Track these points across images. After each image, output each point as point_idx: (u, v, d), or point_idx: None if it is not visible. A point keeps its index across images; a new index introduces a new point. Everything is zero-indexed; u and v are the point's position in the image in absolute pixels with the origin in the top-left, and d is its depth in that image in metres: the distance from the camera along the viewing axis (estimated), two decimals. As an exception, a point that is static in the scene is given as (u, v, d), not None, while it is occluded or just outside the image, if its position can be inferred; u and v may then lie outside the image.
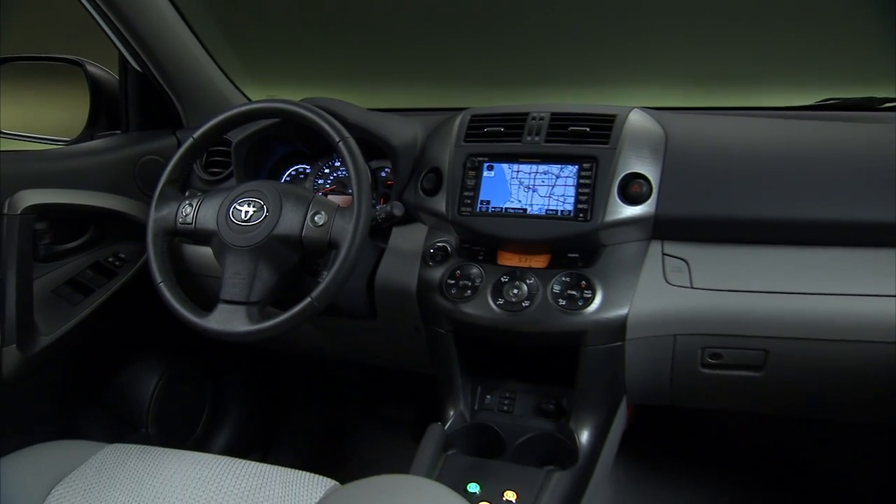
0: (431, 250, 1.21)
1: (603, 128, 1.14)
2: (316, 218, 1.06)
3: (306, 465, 0.96)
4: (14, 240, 1.20)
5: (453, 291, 1.15)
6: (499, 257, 1.17)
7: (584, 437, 1.15)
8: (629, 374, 1.14)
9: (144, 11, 1.34)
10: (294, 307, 1.02)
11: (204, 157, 1.45)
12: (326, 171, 1.41)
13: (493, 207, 1.16)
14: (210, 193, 1.13)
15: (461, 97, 1.74)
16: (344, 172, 1.39)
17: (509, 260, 1.16)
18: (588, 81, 1.78)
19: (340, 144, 1.05)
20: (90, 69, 1.48)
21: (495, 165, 1.18)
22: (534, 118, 1.18)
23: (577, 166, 1.13)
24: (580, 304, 1.08)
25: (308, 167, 1.44)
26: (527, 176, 1.16)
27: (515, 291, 1.11)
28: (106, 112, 1.51)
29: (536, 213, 1.14)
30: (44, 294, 1.28)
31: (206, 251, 1.17)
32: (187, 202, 1.13)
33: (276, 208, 1.06)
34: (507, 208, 1.15)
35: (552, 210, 1.13)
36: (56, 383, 1.39)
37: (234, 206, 1.08)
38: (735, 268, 1.08)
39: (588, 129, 1.14)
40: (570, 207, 1.12)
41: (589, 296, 1.08)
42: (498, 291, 1.13)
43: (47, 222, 1.29)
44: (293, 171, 1.45)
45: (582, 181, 1.12)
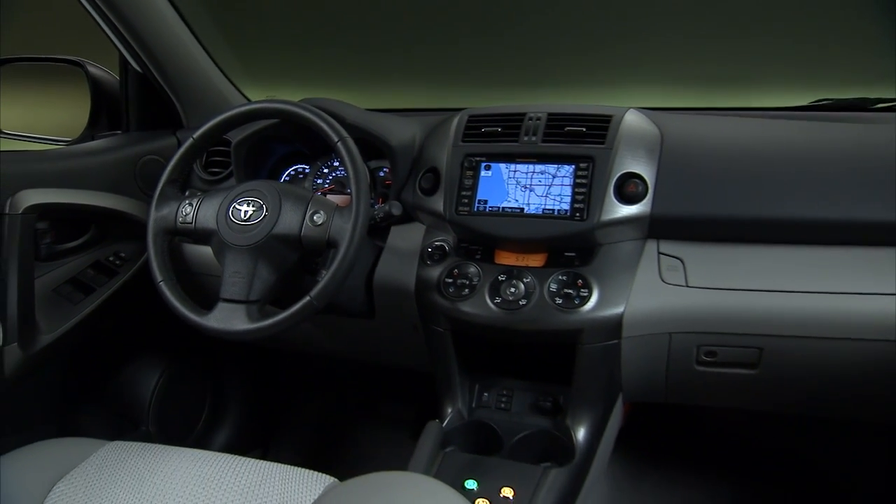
0: (429, 249, 1.21)
1: (599, 128, 1.14)
2: (315, 217, 1.06)
3: (306, 462, 0.96)
4: (15, 239, 1.20)
5: (451, 290, 1.16)
6: (496, 256, 1.17)
7: (581, 434, 1.15)
8: (625, 371, 1.15)
9: (144, 12, 1.34)
10: (293, 306, 1.02)
11: (204, 157, 1.45)
12: (325, 170, 1.42)
13: (490, 207, 1.16)
14: (210, 193, 1.14)
15: (459, 97, 1.75)
16: (343, 172, 1.40)
17: (506, 259, 1.16)
18: (585, 82, 1.78)
19: (339, 144, 1.06)
20: (91, 70, 1.48)
21: (493, 165, 1.18)
22: (531, 118, 1.19)
23: (573, 166, 1.13)
24: (577, 302, 1.09)
25: (307, 167, 1.44)
26: (524, 175, 1.16)
27: (513, 290, 1.12)
28: (106, 112, 1.51)
29: (533, 212, 1.14)
30: (45, 293, 1.28)
31: (206, 250, 1.17)
32: (187, 202, 1.13)
33: (276, 208, 1.07)
34: (504, 208, 1.16)
35: (549, 209, 1.13)
36: (57, 381, 1.39)
37: (234, 206, 1.08)
38: (730, 267, 1.08)
39: (584, 130, 1.15)
40: (566, 207, 1.12)
41: (585, 294, 1.09)
42: (495, 290, 1.13)
43: (48, 222, 1.30)
44: (292, 170, 1.45)
45: (578, 181, 1.12)
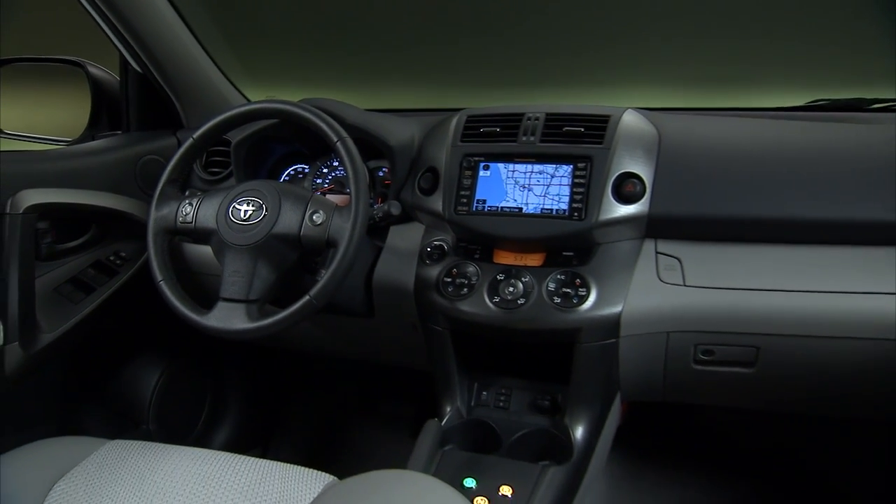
0: (428, 249, 1.21)
1: (597, 128, 1.15)
2: (314, 217, 1.06)
3: (305, 460, 0.96)
4: (16, 239, 1.20)
5: (450, 289, 1.16)
6: (495, 256, 1.18)
7: (579, 432, 1.16)
8: (623, 370, 1.15)
9: (145, 13, 1.34)
10: (293, 305, 1.03)
11: (204, 157, 1.45)
12: (325, 170, 1.42)
13: (489, 206, 1.17)
14: (210, 193, 1.14)
15: (458, 98, 1.75)
16: (342, 172, 1.40)
17: (505, 258, 1.17)
18: (583, 82, 1.79)
19: (338, 144, 1.06)
20: (91, 70, 1.48)
21: (491, 165, 1.19)
22: (529, 118, 1.19)
23: (571, 166, 1.14)
24: (575, 301, 1.09)
25: (307, 167, 1.44)
26: (522, 175, 1.16)
27: (511, 289, 1.12)
28: (107, 113, 1.51)
29: (532, 212, 1.14)
30: (46, 292, 1.28)
31: (206, 250, 1.18)
32: (187, 201, 1.14)
33: (275, 207, 1.07)
34: (502, 207, 1.16)
35: (547, 209, 1.13)
36: (58, 380, 1.40)
37: (234, 206, 1.09)
38: (727, 266, 1.08)
39: (583, 130, 1.15)
40: (564, 206, 1.12)
41: (583, 293, 1.09)
42: (494, 289, 1.13)
43: (49, 221, 1.30)
44: (292, 170, 1.45)
45: (576, 181, 1.13)
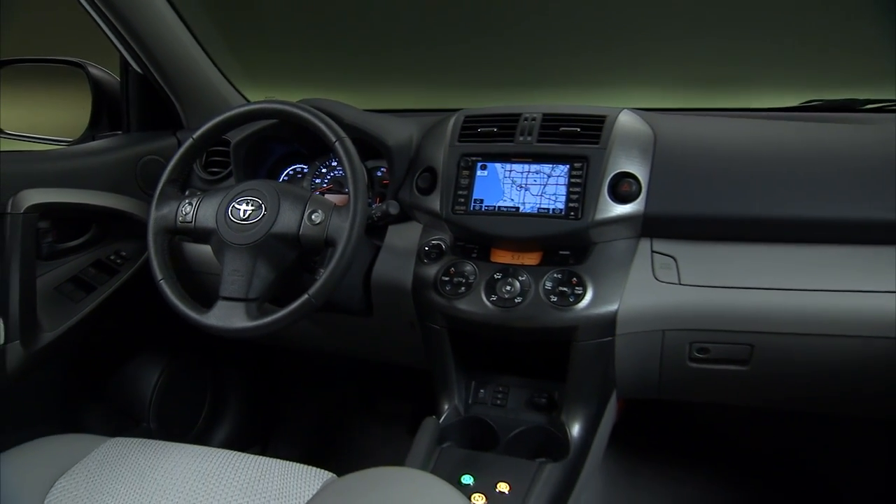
0: (426, 248, 1.22)
1: (593, 128, 1.15)
2: (313, 216, 1.07)
3: (304, 457, 0.97)
4: (17, 238, 1.20)
5: (448, 288, 1.16)
6: (492, 255, 1.18)
7: (576, 429, 1.16)
8: (619, 368, 1.16)
9: (145, 14, 1.35)
10: (292, 304, 1.03)
11: (203, 157, 1.46)
12: (323, 170, 1.42)
13: (486, 206, 1.17)
14: (209, 192, 1.14)
15: (456, 98, 1.75)
16: (341, 172, 1.40)
17: (502, 257, 1.17)
18: (579, 83, 1.79)
19: (337, 144, 1.07)
20: (92, 71, 1.49)
21: (488, 165, 1.19)
22: (526, 119, 1.20)
23: (568, 166, 1.14)
24: (571, 300, 1.10)
25: (305, 167, 1.45)
26: (519, 175, 1.17)
27: (508, 288, 1.13)
28: (107, 113, 1.52)
29: (529, 211, 1.15)
30: (47, 291, 1.29)
31: (206, 249, 1.18)
32: (187, 201, 1.14)
33: (274, 207, 1.07)
34: (500, 207, 1.17)
35: (544, 208, 1.14)
36: (59, 379, 1.40)
37: (233, 205, 1.09)
38: (722, 265, 1.09)
39: (579, 130, 1.16)
40: (561, 206, 1.13)
41: (580, 292, 1.10)
42: (491, 288, 1.14)
43: (50, 221, 1.30)
44: (291, 170, 1.46)
45: (573, 180, 1.13)
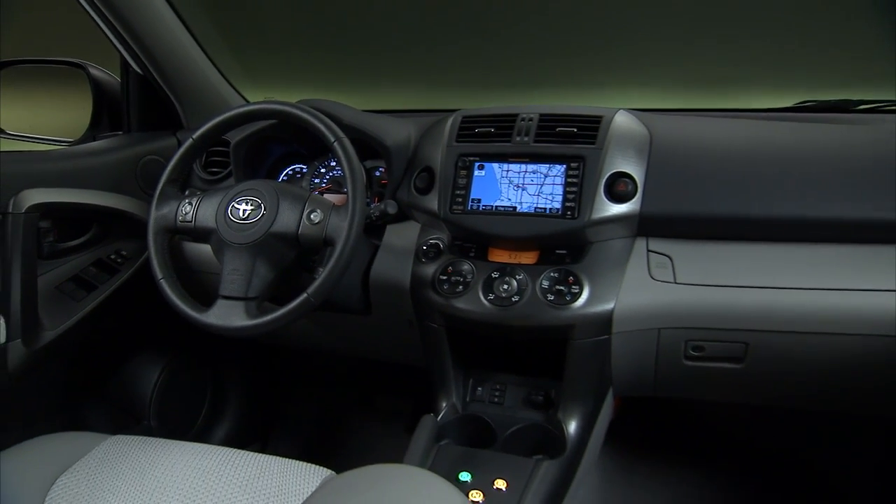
0: (424, 247, 1.23)
1: (590, 128, 1.16)
2: (312, 216, 1.07)
3: (303, 455, 0.98)
4: (19, 238, 1.20)
5: (445, 287, 1.17)
6: (489, 254, 1.19)
7: (572, 427, 1.17)
8: (615, 366, 1.17)
9: (144, 15, 1.35)
10: (291, 303, 1.04)
11: (203, 157, 1.46)
12: (322, 170, 1.43)
13: (483, 206, 1.18)
14: (209, 192, 1.15)
15: (453, 99, 1.75)
16: (339, 172, 1.41)
17: (500, 256, 1.18)
18: (576, 84, 1.80)
19: (336, 145, 1.07)
20: (92, 72, 1.50)
21: (486, 165, 1.20)
22: (523, 119, 1.20)
23: (564, 166, 1.15)
24: (568, 298, 1.11)
25: (304, 167, 1.45)
26: (516, 175, 1.18)
27: (505, 287, 1.13)
28: (108, 113, 1.52)
29: (526, 210, 1.16)
30: (48, 290, 1.29)
31: (206, 248, 1.19)
32: (187, 201, 1.15)
33: (274, 207, 1.08)
34: (497, 206, 1.17)
35: (541, 208, 1.15)
36: (60, 377, 1.40)
37: (233, 205, 1.10)
38: (717, 264, 1.10)
39: (575, 130, 1.16)
40: (558, 205, 1.14)
41: (576, 291, 1.11)
42: (489, 287, 1.15)
43: (51, 220, 1.31)
44: (290, 170, 1.46)
45: (570, 180, 1.14)
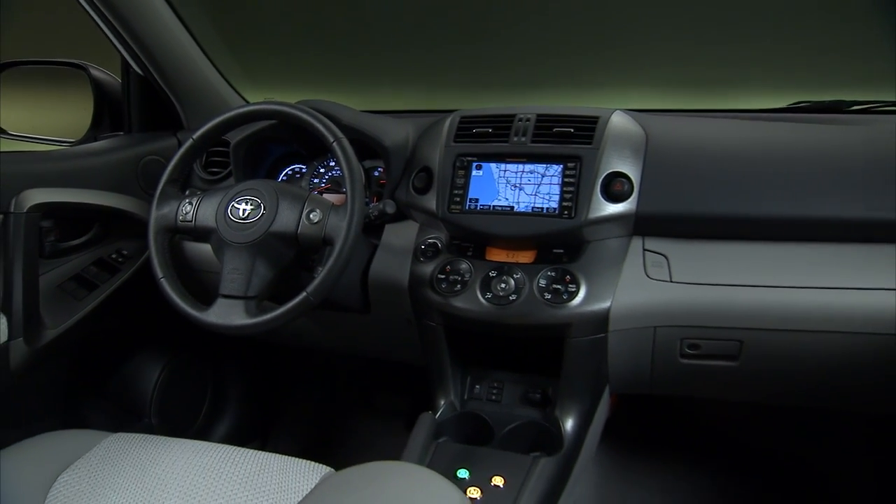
0: (423, 246, 1.24)
1: (586, 129, 1.17)
2: (311, 215, 1.08)
3: (303, 452, 0.98)
4: (20, 237, 1.21)
5: (443, 286, 1.18)
6: (487, 253, 1.20)
7: (569, 424, 1.18)
8: (612, 364, 1.17)
9: (145, 16, 1.36)
10: (290, 301, 1.05)
11: (203, 158, 1.47)
12: (321, 170, 1.44)
13: (481, 205, 1.19)
14: (209, 192, 1.16)
15: (451, 99, 1.75)
16: (338, 172, 1.41)
17: (497, 255, 1.19)
18: (573, 84, 1.80)
19: (335, 145, 1.08)
20: (94, 73, 1.50)
21: (483, 165, 1.21)
22: (520, 119, 1.21)
23: (561, 165, 1.16)
24: (565, 297, 1.11)
25: (304, 167, 1.46)
26: (514, 175, 1.19)
27: (503, 286, 1.14)
28: (109, 114, 1.53)
29: (523, 210, 1.16)
30: (49, 289, 1.30)
31: (206, 248, 1.19)
32: (187, 200, 1.15)
33: (273, 206, 1.08)
34: (494, 206, 1.18)
35: (538, 208, 1.16)
36: (61, 375, 1.41)
37: (233, 205, 1.10)
38: (712, 263, 1.11)
39: (572, 130, 1.17)
40: (555, 205, 1.15)
41: (573, 290, 1.11)
42: (486, 286, 1.15)
43: (53, 220, 1.31)
44: (289, 170, 1.47)
45: (566, 180, 1.15)
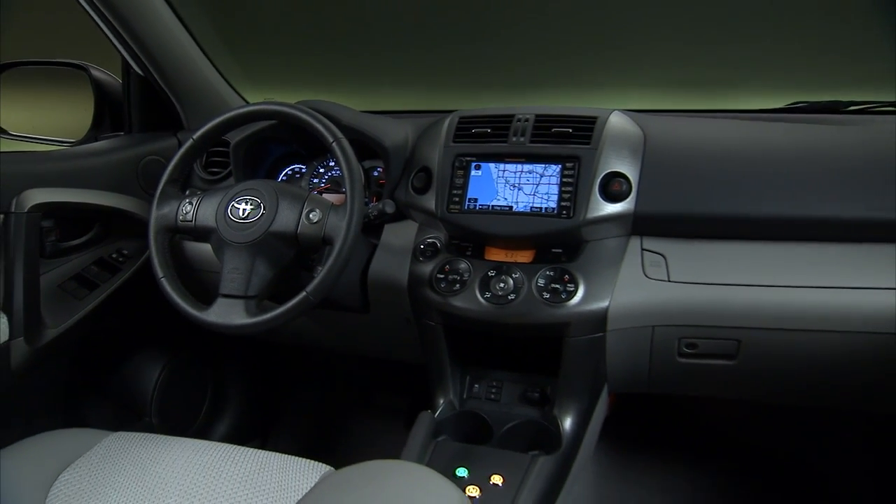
0: (422, 246, 1.24)
1: (585, 129, 1.17)
2: (311, 215, 1.08)
3: (303, 451, 0.98)
4: (21, 237, 1.21)
5: (443, 285, 1.18)
6: (486, 253, 1.20)
7: (568, 423, 1.18)
8: (610, 363, 1.18)
9: (145, 17, 1.36)
10: (290, 301, 1.05)
11: (204, 158, 1.47)
12: (321, 170, 1.44)
13: (480, 205, 1.19)
14: (209, 192, 1.16)
15: (450, 100, 1.76)
16: (338, 172, 1.42)
17: (496, 255, 1.19)
18: (572, 85, 1.81)
19: (334, 145, 1.08)
20: (94, 73, 1.51)
21: (482, 165, 1.21)
22: (519, 119, 1.22)
23: (560, 165, 1.16)
24: (563, 297, 1.12)
25: (303, 167, 1.46)
26: (512, 175, 1.19)
27: (502, 285, 1.15)
28: (109, 114, 1.53)
29: (522, 210, 1.17)
30: (50, 289, 1.30)
31: (206, 247, 1.20)
32: (187, 200, 1.16)
33: (273, 206, 1.09)
34: (493, 206, 1.18)
35: (537, 207, 1.16)
36: (62, 375, 1.41)
37: (233, 204, 1.11)
38: (709, 262, 1.11)
39: (571, 130, 1.18)
40: (553, 205, 1.15)
41: (572, 289, 1.12)
42: (485, 285, 1.16)
43: (53, 220, 1.32)
44: (289, 170, 1.47)
45: (565, 180, 1.15)
